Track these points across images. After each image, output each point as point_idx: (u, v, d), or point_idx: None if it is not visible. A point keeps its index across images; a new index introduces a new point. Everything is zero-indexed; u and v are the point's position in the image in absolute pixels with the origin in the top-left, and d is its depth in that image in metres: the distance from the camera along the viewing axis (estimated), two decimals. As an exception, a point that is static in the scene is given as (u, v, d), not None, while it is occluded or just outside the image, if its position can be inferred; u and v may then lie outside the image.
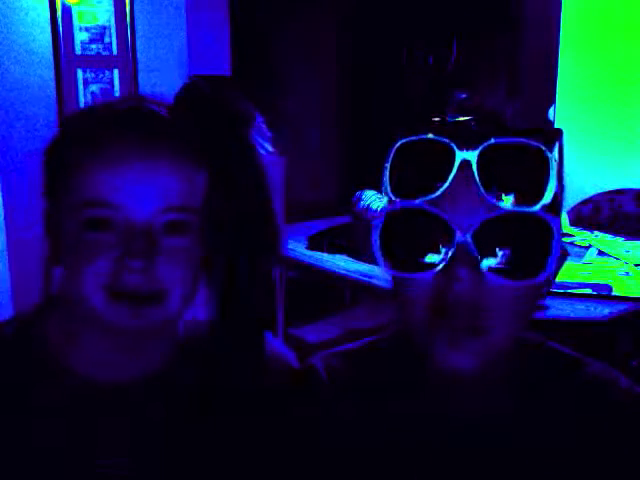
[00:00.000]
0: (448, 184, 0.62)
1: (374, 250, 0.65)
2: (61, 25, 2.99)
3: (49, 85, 3.01)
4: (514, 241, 0.63)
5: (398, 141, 0.65)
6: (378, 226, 0.65)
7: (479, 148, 0.61)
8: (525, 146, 0.62)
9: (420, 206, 0.63)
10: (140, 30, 3.19)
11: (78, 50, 3.06)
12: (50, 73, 3.00)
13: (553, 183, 0.62)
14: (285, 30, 4.98)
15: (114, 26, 3.13)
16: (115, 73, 3.17)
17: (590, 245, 2.34)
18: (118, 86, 3.18)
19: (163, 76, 3.18)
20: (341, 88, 4.93)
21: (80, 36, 3.06)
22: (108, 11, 3.11)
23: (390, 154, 0.65)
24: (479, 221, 0.61)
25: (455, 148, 0.62)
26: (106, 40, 3.13)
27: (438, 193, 0.62)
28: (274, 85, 5.10)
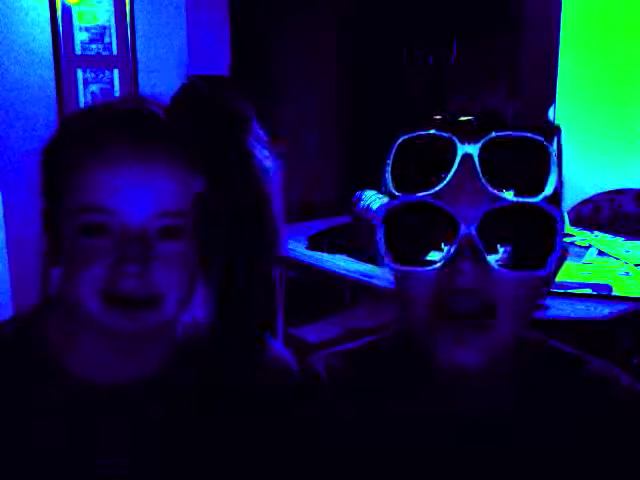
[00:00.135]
0: (450, 177, 0.62)
1: (377, 245, 0.65)
2: (61, 25, 2.99)
3: (49, 85, 3.01)
4: (518, 232, 0.63)
5: (399, 138, 0.66)
6: (381, 221, 0.65)
7: (480, 142, 0.62)
8: (526, 139, 0.63)
9: (423, 200, 0.63)
10: (140, 30, 3.19)
11: (78, 50, 3.06)
12: (50, 73, 3.01)
13: (554, 175, 0.63)
14: (285, 30, 4.98)
15: (114, 26, 3.13)
16: (115, 73, 3.17)
17: (590, 245, 2.34)
18: (118, 86, 3.18)
19: (163, 76, 3.18)
20: (341, 88, 4.93)
21: (80, 36, 3.07)
22: (108, 11, 3.11)
23: (391, 151, 0.66)
24: (483, 213, 0.61)
25: (457, 142, 0.62)
26: (106, 40, 3.13)
27: (441, 186, 0.62)
28: (274, 85, 5.10)
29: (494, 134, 0.62)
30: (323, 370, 0.78)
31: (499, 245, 0.63)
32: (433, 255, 0.65)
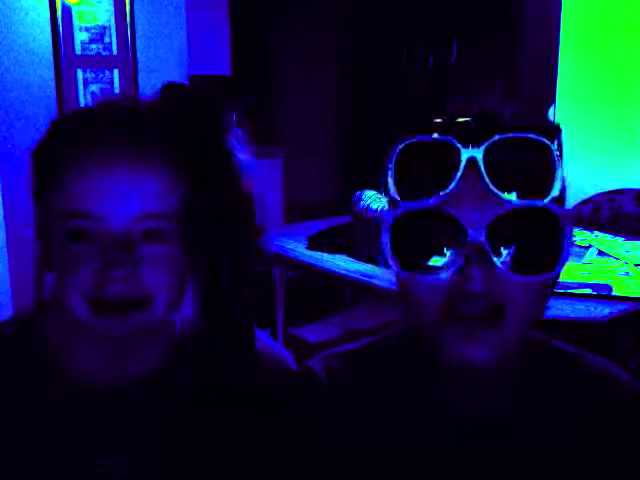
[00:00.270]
0: (456, 183, 0.61)
1: (384, 252, 0.65)
2: (61, 25, 2.99)
3: (49, 85, 3.01)
4: (526, 236, 0.63)
5: (400, 142, 0.65)
6: (387, 228, 0.65)
7: (484, 145, 0.61)
8: (530, 140, 0.62)
9: (431, 206, 0.62)
10: (140, 30, 3.19)
11: (78, 50, 3.06)
12: (50, 73, 3.01)
13: (560, 176, 0.62)
14: (285, 30, 4.98)
15: (114, 26, 3.13)
16: (115, 73, 3.17)
17: (590, 245, 2.34)
18: (118, 86, 3.17)
19: (163, 76, 3.17)
20: (341, 88, 4.93)
21: (80, 36, 3.06)
22: (108, 11, 3.11)
23: (392, 155, 0.65)
24: (490, 218, 0.61)
25: (460, 147, 0.62)
26: (106, 40, 3.13)
27: (447, 191, 0.62)
28: (274, 85, 5.10)
29: (497, 137, 0.62)
30: (322, 371, 0.78)
31: (504, 248, 0.63)
32: (436, 260, 0.64)
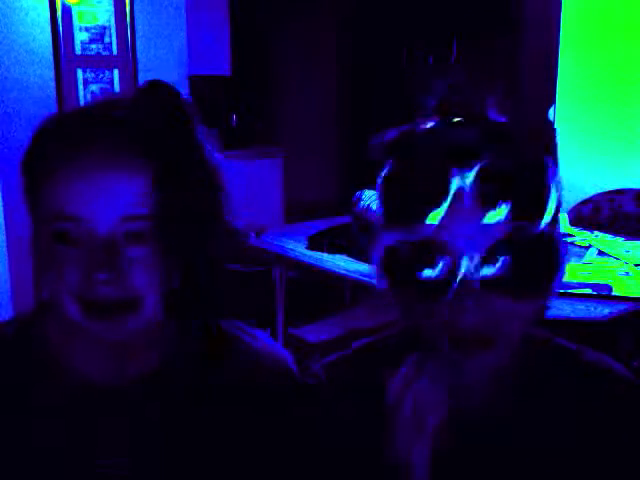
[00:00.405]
0: (444, 213, 0.60)
1: (376, 277, 0.65)
2: (61, 25, 2.99)
3: (49, 85, 3.01)
4: (519, 263, 0.61)
5: (387, 163, 0.63)
6: (379, 257, 0.64)
7: (474, 169, 0.59)
8: (523, 163, 0.60)
9: (420, 237, 0.61)
10: (140, 30, 3.19)
11: (78, 50, 3.06)
12: (50, 73, 3.01)
13: (554, 201, 0.61)
14: (285, 30, 4.98)
15: (114, 26, 3.13)
16: (115, 73, 3.17)
17: (590, 245, 2.34)
18: (118, 86, 3.18)
19: (163, 76, 3.15)
20: (341, 88, 4.93)
21: (80, 36, 3.07)
22: (108, 11, 3.11)
23: (379, 180, 0.64)
24: (481, 249, 0.60)
25: (450, 175, 0.60)
26: (106, 40, 3.13)
27: (436, 221, 0.61)
28: (274, 85, 5.10)
29: (488, 158, 0.59)
30: (322, 374, 0.79)
31: (495, 263, 0.62)
32: (428, 272, 0.63)
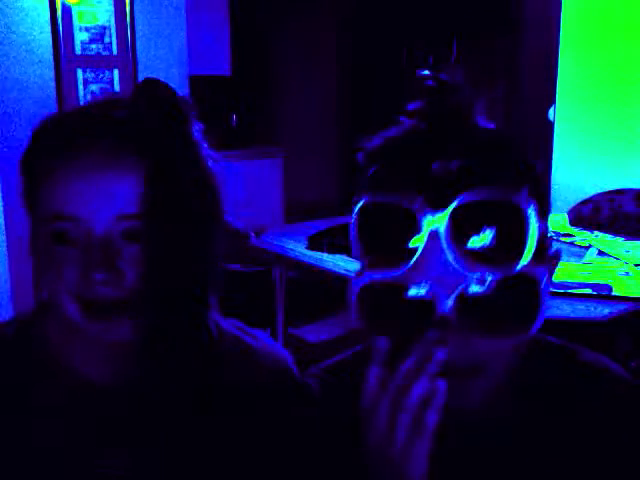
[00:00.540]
0: (418, 255, 0.60)
1: (353, 314, 0.64)
2: (61, 25, 2.99)
3: (49, 85, 3.01)
4: (497, 301, 0.61)
5: (363, 200, 0.62)
6: (355, 296, 0.64)
7: (448, 211, 0.59)
8: (500, 204, 0.59)
9: (395, 278, 0.61)
10: (140, 30, 3.19)
11: (78, 50, 3.06)
12: (50, 73, 3.01)
13: (533, 240, 0.60)
14: (285, 30, 4.98)
15: (114, 26, 3.13)
16: (115, 73, 3.17)
17: (590, 245, 2.34)
18: (118, 86, 3.18)
19: (163, 76, 3.16)
20: (341, 88, 4.93)
21: (80, 36, 3.07)
22: (108, 11, 3.11)
23: (355, 216, 0.63)
24: (457, 291, 0.60)
25: (422, 218, 0.59)
26: (106, 40, 3.13)
27: (409, 265, 0.60)
28: (274, 85, 5.10)
29: (463, 198, 0.59)
30: (322, 376, 0.79)
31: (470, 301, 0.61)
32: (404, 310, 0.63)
